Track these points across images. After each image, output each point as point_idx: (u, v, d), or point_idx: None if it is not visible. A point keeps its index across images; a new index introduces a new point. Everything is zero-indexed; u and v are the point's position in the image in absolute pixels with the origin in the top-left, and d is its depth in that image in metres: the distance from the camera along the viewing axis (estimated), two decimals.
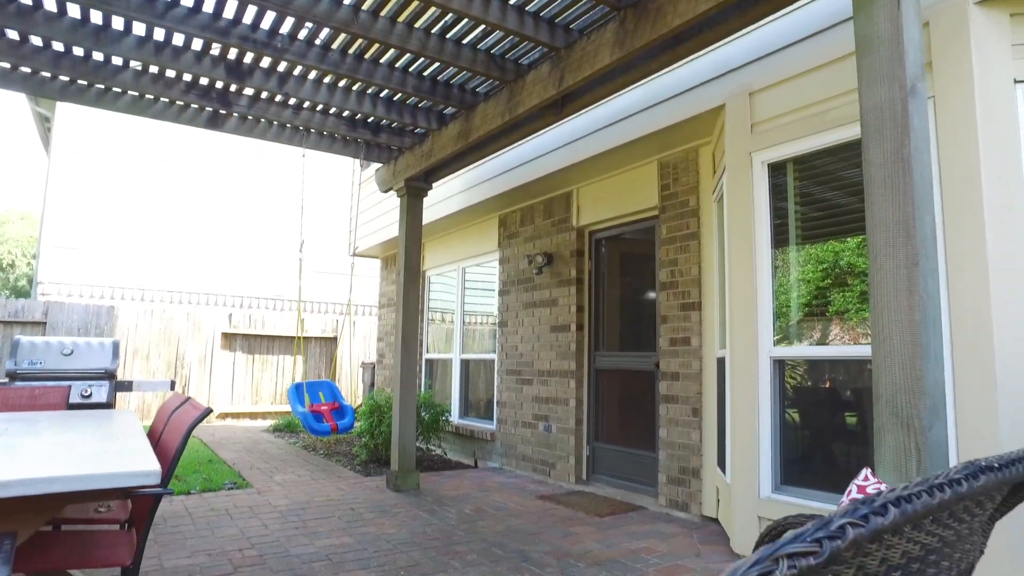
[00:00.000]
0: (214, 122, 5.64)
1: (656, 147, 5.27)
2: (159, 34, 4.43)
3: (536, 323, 6.64)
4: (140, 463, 1.94)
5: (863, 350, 3.40)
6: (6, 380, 4.70)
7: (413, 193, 6.17)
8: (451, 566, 3.68)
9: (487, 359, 7.54)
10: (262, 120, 5.78)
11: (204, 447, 8.18)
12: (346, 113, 5.68)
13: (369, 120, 5.83)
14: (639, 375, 5.67)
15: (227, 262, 13.87)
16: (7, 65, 4.82)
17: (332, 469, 6.76)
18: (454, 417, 7.96)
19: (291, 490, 5.70)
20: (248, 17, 4.17)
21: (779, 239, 3.93)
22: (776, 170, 3.96)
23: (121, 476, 1.85)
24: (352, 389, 12.75)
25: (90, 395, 4.76)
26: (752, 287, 3.91)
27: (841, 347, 3.60)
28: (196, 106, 5.45)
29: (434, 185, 6.48)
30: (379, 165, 6.66)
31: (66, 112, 12.67)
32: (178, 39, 4.53)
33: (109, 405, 4.93)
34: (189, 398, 2.95)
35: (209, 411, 2.56)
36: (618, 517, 4.87)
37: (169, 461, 2.50)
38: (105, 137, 12.95)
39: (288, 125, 5.84)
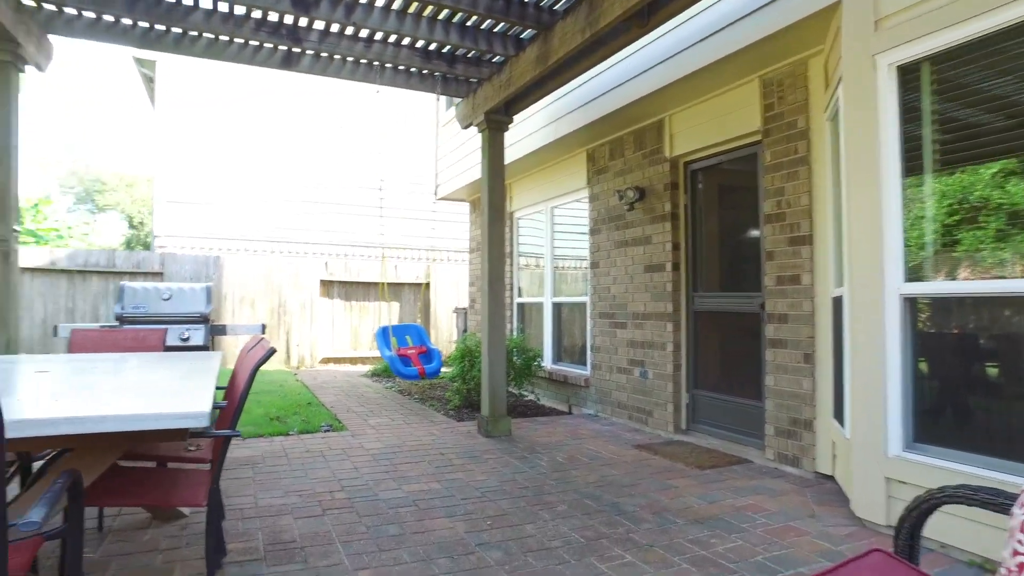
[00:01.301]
0: (288, 62, 5.51)
1: (757, 62, 4.63)
2: None
3: (629, 263, 6.22)
4: (188, 404, 1.80)
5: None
6: (116, 323, 4.87)
7: (494, 127, 5.83)
8: (540, 517, 3.49)
9: (579, 302, 7.23)
10: (335, 57, 5.60)
11: (305, 390, 8.45)
12: (419, 44, 5.38)
13: (444, 51, 5.50)
14: (742, 317, 5.17)
15: (325, 211, 14.18)
16: (92, 15, 4.84)
17: (425, 413, 6.76)
18: (547, 362, 7.76)
19: (384, 433, 5.72)
20: None
21: (910, 155, 3.30)
22: (907, 73, 3.29)
23: (167, 417, 1.73)
24: (447, 335, 12.87)
25: (188, 338, 4.89)
26: (877, 214, 3.33)
27: (997, 282, 2.97)
28: (269, 45, 5.33)
29: (516, 121, 6.13)
30: (459, 101, 6.35)
31: (166, 71, 13.13)
32: None
33: (205, 347, 5.05)
34: (262, 339, 2.84)
35: (273, 351, 2.42)
36: (721, 471, 4.51)
37: (236, 403, 2.40)
38: (208, 93, 13.36)
39: (361, 60, 5.62)
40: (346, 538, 3.15)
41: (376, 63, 5.68)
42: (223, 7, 4.80)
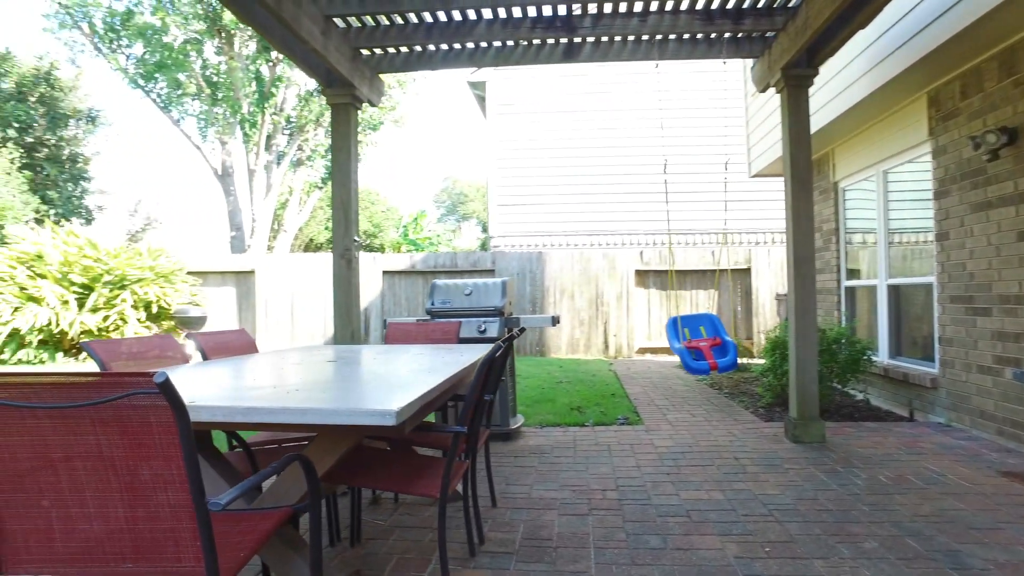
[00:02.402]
0: (568, 54, 5.52)
1: None
2: None
3: (993, 230, 4.73)
4: (383, 402, 1.81)
5: None
6: (427, 317, 5.48)
7: (794, 83, 4.98)
8: (836, 552, 2.81)
9: (922, 283, 5.79)
10: (615, 39, 5.42)
11: (615, 380, 8.51)
12: (699, 5, 4.88)
13: (728, 6, 4.89)
14: None
15: (638, 200, 14.18)
16: (406, 49, 5.53)
17: (731, 410, 6.19)
18: (881, 356, 6.42)
19: (679, 430, 5.37)
20: None
21: None
22: None
23: (359, 413, 1.75)
24: (771, 322, 11.73)
25: (485, 330, 5.23)
26: None
27: None
28: (550, 41, 5.41)
29: (828, 75, 5.13)
30: (753, 62, 5.61)
31: (493, 88, 14.61)
32: None
33: (498, 339, 5.34)
34: (513, 333, 2.82)
35: (498, 347, 2.34)
36: None
37: (475, 400, 2.39)
38: (526, 102, 14.52)
39: (638, 38, 5.33)
40: (602, 544, 2.96)
41: (654, 37, 5.34)
42: (502, 13, 5.03)
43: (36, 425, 1.45)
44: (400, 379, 2.42)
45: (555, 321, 5.45)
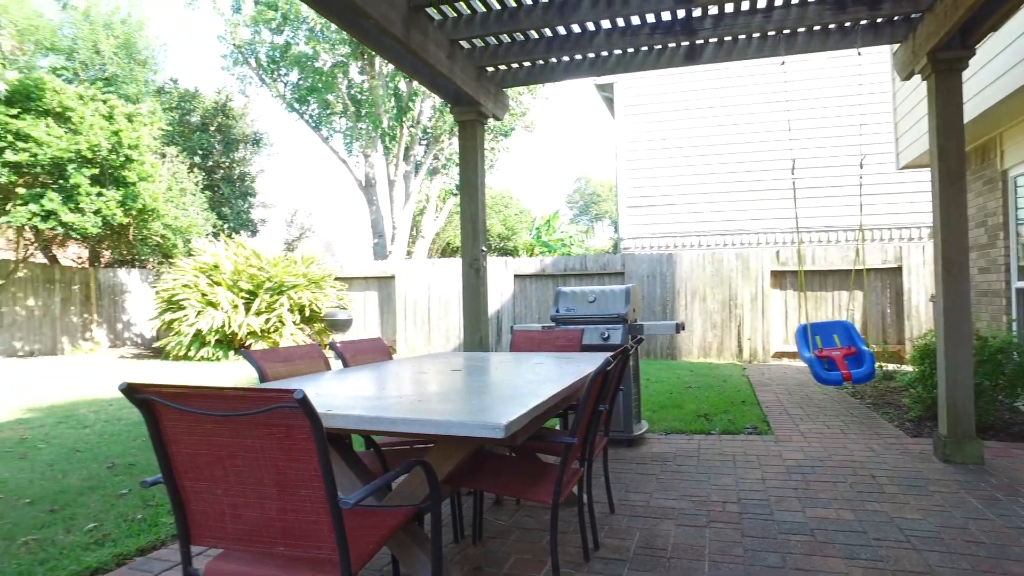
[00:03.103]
0: (690, 56, 5.44)
1: None
2: None
3: None
4: (494, 416, 1.96)
5: None
6: (552, 324, 5.63)
7: (943, 68, 4.58)
8: None
9: None
10: (738, 38, 5.27)
11: (747, 387, 8.21)
12: None
13: None
14: None
15: (772, 197, 13.49)
16: (528, 63, 5.72)
17: (872, 422, 5.78)
18: None
19: (812, 442, 5.12)
20: None
21: None
22: None
23: (469, 426, 1.91)
24: (926, 327, 10.70)
25: (608, 337, 5.29)
26: None
27: None
28: (671, 45, 5.36)
29: (991, 52, 4.64)
30: (896, 48, 5.20)
31: (620, 90, 14.51)
32: None
33: (622, 346, 5.37)
34: (628, 344, 2.89)
35: (610, 362, 2.42)
36: None
37: (588, 415, 2.50)
38: (653, 101, 14.29)
39: (764, 34, 5.15)
40: (717, 558, 2.94)
41: (781, 32, 5.13)
42: (620, 22, 5.06)
43: (209, 428, 1.75)
44: (516, 390, 2.57)
45: (679, 328, 5.39)
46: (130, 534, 3.39)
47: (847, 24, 5.01)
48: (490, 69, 5.78)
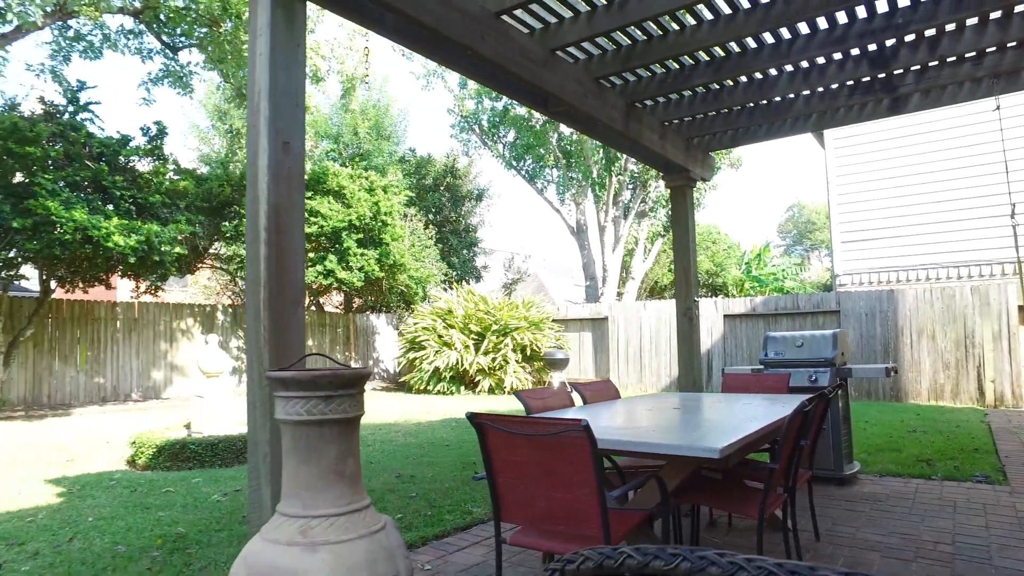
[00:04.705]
0: (894, 108, 5.66)
1: None
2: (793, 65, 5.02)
3: None
4: (709, 441, 2.68)
5: None
6: (761, 367, 6.08)
7: None
8: None
9: None
10: (946, 87, 5.38)
11: (984, 434, 7.69)
12: None
13: None
14: None
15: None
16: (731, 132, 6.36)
17: None
18: None
19: None
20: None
21: None
22: None
23: (695, 448, 2.65)
24: None
25: (816, 380, 5.59)
26: None
27: None
28: (872, 101, 5.61)
29: None
30: None
31: None
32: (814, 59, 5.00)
33: (826, 389, 5.64)
34: (826, 388, 3.41)
35: (806, 405, 3.02)
36: None
37: (787, 454, 3.10)
38: (864, 128, 13.71)
39: (972, 80, 5.21)
40: None
41: (992, 76, 5.17)
42: (819, 88, 5.48)
43: (520, 443, 2.71)
44: (728, 424, 3.25)
45: (888, 372, 5.51)
46: (427, 524, 4.57)
47: None
48: (696, 139, 6.48)
